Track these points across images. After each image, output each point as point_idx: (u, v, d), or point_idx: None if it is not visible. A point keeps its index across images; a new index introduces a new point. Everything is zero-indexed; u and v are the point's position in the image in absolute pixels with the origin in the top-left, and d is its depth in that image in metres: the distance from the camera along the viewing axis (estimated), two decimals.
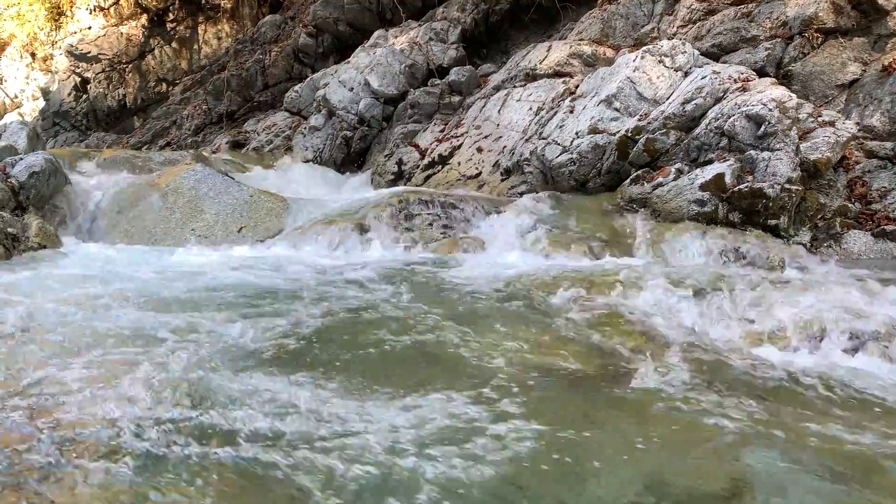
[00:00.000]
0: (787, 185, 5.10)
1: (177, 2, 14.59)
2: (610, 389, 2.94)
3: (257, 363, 3.04)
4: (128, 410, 2.49)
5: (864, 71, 6.16)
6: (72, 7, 15.77)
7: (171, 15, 14.73)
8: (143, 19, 14.86)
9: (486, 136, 7.73)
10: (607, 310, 3.90)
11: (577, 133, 6.38)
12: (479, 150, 7.65)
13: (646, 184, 5.70)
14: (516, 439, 2.43)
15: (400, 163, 8.27)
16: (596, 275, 4.40)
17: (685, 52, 6.40)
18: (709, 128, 5.63)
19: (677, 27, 7.56)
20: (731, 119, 5.49)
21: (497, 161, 7.40)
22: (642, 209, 5.66)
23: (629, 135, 5.98)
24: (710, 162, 5.52)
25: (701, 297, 3.97)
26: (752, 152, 5.32)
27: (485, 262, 5.14)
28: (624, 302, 4.01)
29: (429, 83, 9.22)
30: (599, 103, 6.41)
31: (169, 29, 14.81)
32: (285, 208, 6.42)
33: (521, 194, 6.56)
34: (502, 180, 7.21)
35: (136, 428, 2.37)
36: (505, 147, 7.43)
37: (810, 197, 5.29)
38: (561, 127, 6.65)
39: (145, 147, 13.33)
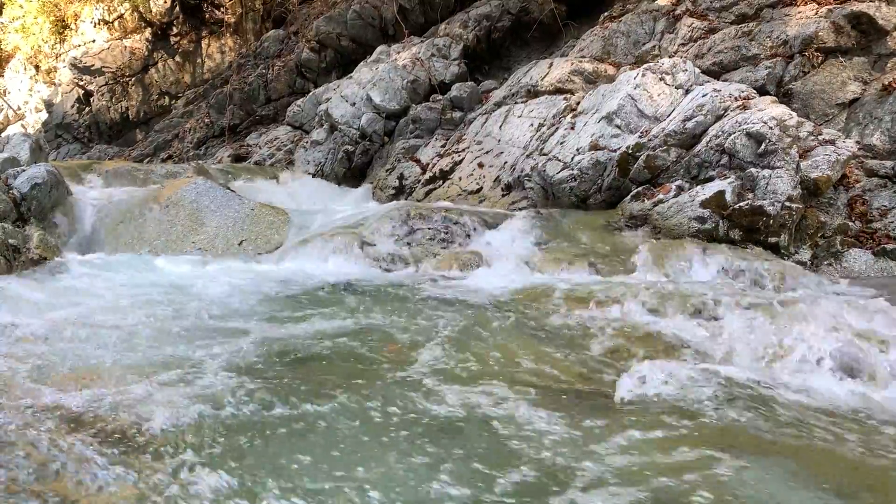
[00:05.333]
0: (787, 203, 5.11)
1: (181, 16, 14.67)
2: (609, 404, 2.93)
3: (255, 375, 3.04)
4: None
5: (864, 90, 6.19)
6: (76, 20, 15.86)
7: (174, 29, 14.80)
8: (147, 33, 14.94)
9: (487, 152, 7.75)
10: (605, 325, 3.90)
11: (577, 149, 6.39)
12: (480, 165, 7.67)
13: (646, 200, 5.71)
14: (517, 453, 2.42)
15: (401, 177, 8.29)
16: (595, 290, 4.40)
17: (686, 69, 6.43)
18: (709, 145, 5.65)
19: (678, 45, 7.60)
20: (732, 137, 5.50)
21: (498, 176, 7.42)
22: (643, 226, 5.66)
23: (630, 151, 5.99)
24: (711, 179, 5.53)
25: (700, 315, 3.96)
26: (753, 170, 5.33)
27: (484, 276, 5.14)
28: (622, 318, 4.01)
29: (430, 99, 9.25)
30: (600, 120, 6.43)
31: (172, 43, 14.89)
32: (286, 222, 6.42)
33: (522, 210, 6.57)
34: (503, 196, 7.22)
35: None
36: (506, 163, 7.45)
37: (811, 215, 5.30)
38: (562, 143, 6.67)
39: (147, 160, 13.37)
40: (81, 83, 15.19)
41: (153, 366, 3.12)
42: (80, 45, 15.54)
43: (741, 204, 5.20)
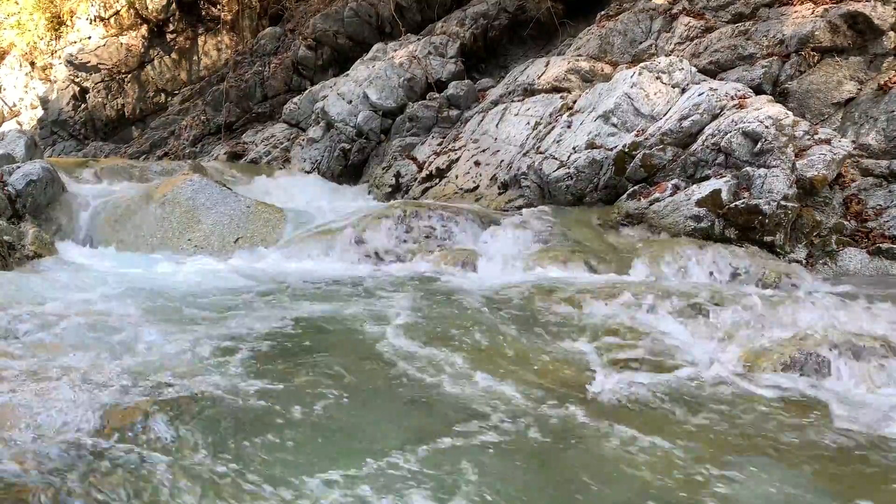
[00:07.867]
0: (783, 202, 5.12)
1: (177, 13, 14.63)
2: (601, 405, 2.93)
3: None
4: None
5: (860, 90, 6.20)
6: (72, 17, 15.80)
7: (171, 26, 14.76)
8: (143, 30, 14.89)
9: (483, 150, 7.75)
10: (599, 325, 3.90)
11: (574, 148, 6.40)
12: (477, 163, 7.67)
13: (643, 199, 5.71)
14: (505, 456, 2.43)
15: (398, 175, 8.28)
16: (590, 289, 4.40)
17: (682, 68, 6.43)
18: (706, 144, 5.65)
19: (675, 44, 7.60)
20: (728, 136, 5.51)
21: (494, 175, 7.42)
22: (639, 224, 5.67)
23: (626, 150, 6.00)
24: (707, 178, 5.54)
25: (694, 314, 3.97)
26: (749, 169, 5.34)
27: (480, 274, 5.15)
28: (616, 317, 4.01)
29: (427, 97, 9.24)
30: (597, 119, 6.44)
31: (169, 40, 14.84)
32: (282, 219, 6.41)
33: (519, 208, 6.57)
34: (499, 194, 7.22)
35: None
36: (502, 161, 7.45)
37: (806, 214, 5.31)
38: (558, 142, 6.67)
39: (143, 157, 13.33)
40: (77, 80, 15.13)
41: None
42: (75, 42, 15.48)
43: (737, 203, 5.21)
